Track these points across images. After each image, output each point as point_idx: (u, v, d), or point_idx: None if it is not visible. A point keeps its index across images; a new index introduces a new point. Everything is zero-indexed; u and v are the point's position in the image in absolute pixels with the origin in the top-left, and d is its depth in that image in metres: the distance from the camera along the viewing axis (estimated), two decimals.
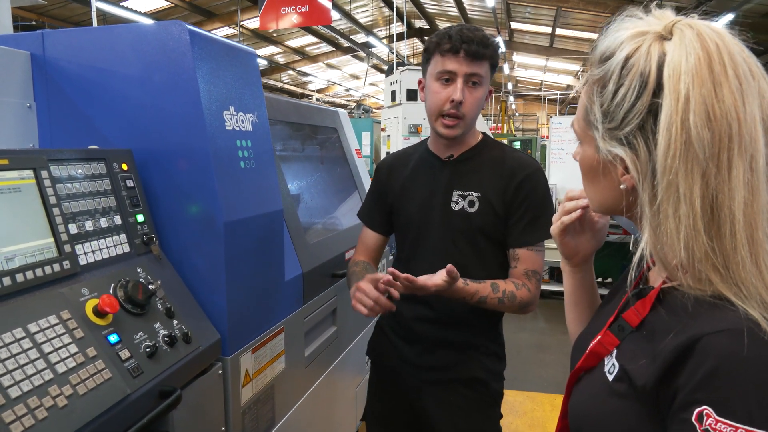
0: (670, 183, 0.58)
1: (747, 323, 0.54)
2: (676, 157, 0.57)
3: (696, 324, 0.57)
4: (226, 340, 1.18)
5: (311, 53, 17.65)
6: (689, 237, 0.57)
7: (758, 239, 0.57)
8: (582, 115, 0.71)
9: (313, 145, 2.24)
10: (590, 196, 0.74)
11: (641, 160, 0.61)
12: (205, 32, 1.22)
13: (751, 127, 0.57)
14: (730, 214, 0.56)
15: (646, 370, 0.60)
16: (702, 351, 0.55)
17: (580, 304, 0.93)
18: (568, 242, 0.88)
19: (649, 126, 0.61)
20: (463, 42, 1.33)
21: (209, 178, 1.15)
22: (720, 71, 0.57)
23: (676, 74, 0.58)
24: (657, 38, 0.62)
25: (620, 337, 0.68)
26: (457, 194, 1.44)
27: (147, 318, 0.99)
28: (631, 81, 0.62)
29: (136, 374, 0.90)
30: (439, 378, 1.49)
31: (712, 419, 0.53)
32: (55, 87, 1.24)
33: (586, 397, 0.71)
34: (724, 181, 0.57)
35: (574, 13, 12.26)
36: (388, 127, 5.43)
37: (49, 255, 0.88)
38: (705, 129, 0.56)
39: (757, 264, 0.57)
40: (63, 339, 0.82)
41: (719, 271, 0.57)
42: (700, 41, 0.59)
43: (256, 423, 1.31)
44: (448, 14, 15.03)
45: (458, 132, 1.39)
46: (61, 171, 0.97)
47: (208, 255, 1.16)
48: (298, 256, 1.57)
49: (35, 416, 0.72)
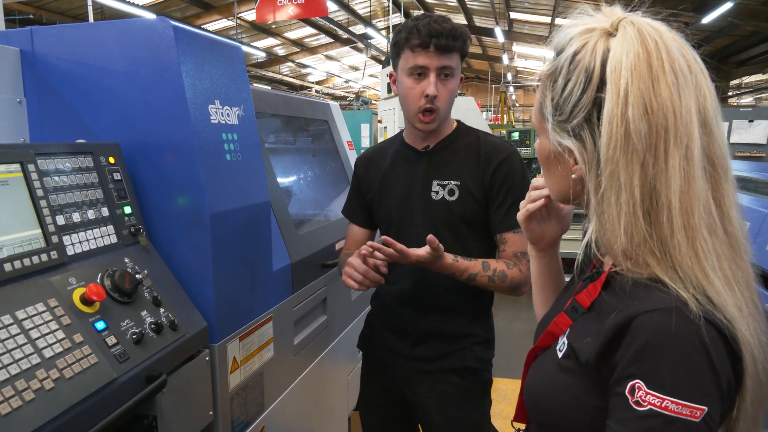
0: (612, 173, 0.61)
1: (677, 303, 0.58)
2: (617, 149, 0.61)
3: (633, 304, 0.60)
4: (213, 327, 1.21)
5: (310, 45, 17.63)
6: (629, 223, 0.61)
7: (694, 224, 0.60)
8: (538, 108, 0.74)
9: (304, 138, 2.27)
10: (548, 186, 0.78)
11: (587, 151, 0.65)
12: (190, 28, 1.24)
13: (687, 120, 0.60)
14: (667, 201, 0.60)
15: (589, 347, 0.64)
16: (636, 328, 0.59)
17: (546, 288, 0.97)
18: (534, 228, 0.91)
19: (594, 119, 0.64)
20: (432, 36, 1.34)
21: (195, 171, 1.18)
22: (657, 67, 0.61)
23: (617, 70, 0.61)
24: (603, 35, 0.65)
25: (573, 317, 0.71)
26: (436, 184, 1.46)
27: (134, 306, 1.03)
28: (577, 76, 0.65)
29: (123, 359, 0.94)
30: (430, 368, 1.53)
31: (643, 392, 0.57)
32: (44, 82, 1.27)
33: (540, 374, 0.75)
34: (661, 170, 0.60)
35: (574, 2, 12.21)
36: (384, 119, 5.45)
37: (36, 245, 0.92)
38: (642, 121, 0.60)
39: (693, 248, 0.60)
40: (50, 325, 0.85)
41: (656, 255, 0.60)
42: (640, 38, 0.62)
43: (244, 408, 1.35)
44: (447, 4, 14.97)
45: (435, 125, 1.42)
46: (48, 164, 1.00)
47: (195, 246, 1.20)
48: (287, 247, 1.60)
49: (22, 398, 0.75)
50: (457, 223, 1.45)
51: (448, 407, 1.54)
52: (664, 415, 0.55)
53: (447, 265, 1.34)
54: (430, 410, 1.55)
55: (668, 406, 0.55)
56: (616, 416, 0.59)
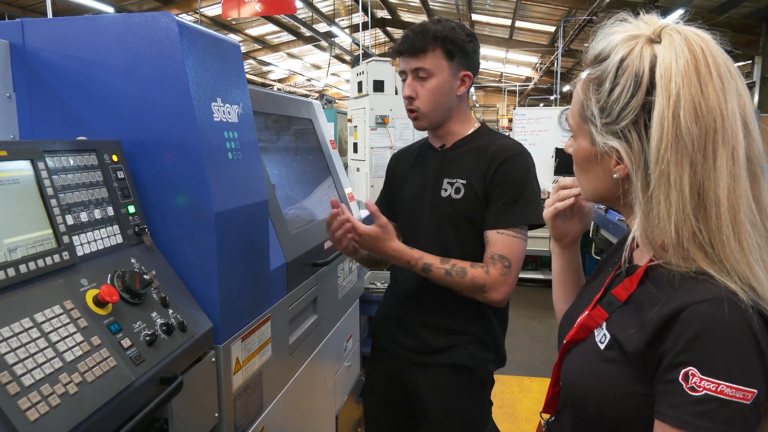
0: (662, 172, 0.65)
1: (727, 293, 0.62)
2: (668, 149, 0.64)
3: (680, 296, 0.64)
4: (218, 328, 1.20)
5: (272, 42, 17.39)
6: (679, 219, 0.64)
7: (740, 220, 0.64)
8: (577, 110, 0.77)
9: (290, 136, 2.25)
10: (583, 185, 0.81)
11: (635, 152, 0.68)
12: (193, 24, 1.22)
13: (732, 122, 0.64)
14: (715, 199, 0.64)
15: (635, 338, 0.67)
16: (686, 318, 0.62)
17: (567, 284, 1.00)
18: (559, 225, 0.95)
19: (642, 121, 0.67)
20: (402, 42, 1.44)
21: (200, 170, 1.16)
22: (705, 72, 0.64)
23: (667, 75, 0.65)
24: (648, 41, 0.69)
25: (609, 310, 0.75)
26: (446, 182, 1.50)
27: (144, 307, 1.01)
28: (626, 80, 0.68)
29: (139, 362, 0.92)
30: (426, 361, 1.56)
31: (697, 378, 0.60)
32: (36, 77, 1.22)
33: (579, 364, 0.77)
34: (710, 169, 0.64)
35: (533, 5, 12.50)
36: (354, 118, 5.44)
37: (48, 246, 0.89)
38: (693, 124, 0.64)
39: (739, 242, 0.64)
40: (68, 328, 0.83)
41: (704, 249, 0.64)
42: (687, 45, 0.66)
43: (246, 409, 1.34)
44: (410, 4, 15.06)
45: (423, 123, 1.48)
46: (55, 162, 0.97)
47: (200, 245, 1.18)
48: (282, 246, 1.59)
49: (49, 403, 0.73)
50: (460, 221, 1.48)
51: (443, 399, 1.57)
52: (719, 399, 0.59)
53: (398, 248, 1.37)
54: (427, 400, 1.59)
55: (723, 390, 0.59)
56: (669, 402, 0.63)
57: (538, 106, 16.37)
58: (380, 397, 1.75)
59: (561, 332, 0.87)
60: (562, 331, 0.87)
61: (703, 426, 0.60)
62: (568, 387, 0.80)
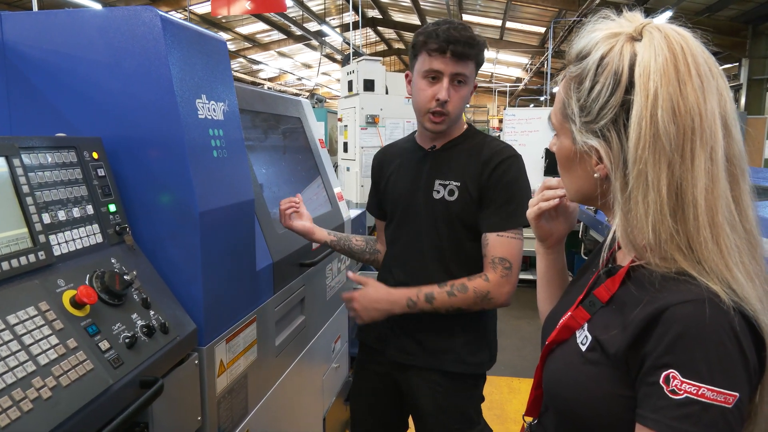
0: (639, 172, 0.64)
1: (708, 294, 0.60)
2: (646, 149, 0.63)
3: (662, 296, 0.63)
4: (202, 330, 1.17)
5: (262, 41, 17.31)
6: (656, 220, 0.63)
7: (718, 222, 0.63)
8: (559, 108, 0.75)
9: (278, 135, 2.22)
10: (567, 185, 0.80)
11: (614, 151, 0.67)
12: (176, 19, 1.19)
13: (711, 122, 0.63)
14: (693, 200, 0.62)
15: (617, 339, 0.66)
16: (668, 319, 0.61)
17: (552, 284, 0.99)
18: (543, 225, 0.93)
19: (622, 120, 0.66)
20: (449, 43, 1.37)
21: (184, 168, 1.13)
22: (684, 71, 0.63)
23: (646, 73, 0.63)
24: (629, 39, 0.67)
25: (591, 311, 0.73)
26: (438, 183, 1.49)
27: (124, 309, 0.98)
28: (605, 78, 0.67)
29: (117, 365, 0.89)
30: (419, 364, 1.54)
31: (678, 380, 0.59)
32: (14, 72, 1.19)
33: (561, 366, 0.76)
34: (688, 170, 0.63)
35: (523, 6, 12.54)
36: (345, 117, 5.42)
37: (23, 245, 0.86)
38: (671, 123, 0.62)
39: (717, 243, 0.63)
40: (43, 330, 0.80)
41: (682, 251, 0.63)
42: (667, 43, 0.64)
43: (230, 412, 1.31)
44: (401, 4, 15.05)
45: (444, 127, 1.46)
46: (32, 159, 0.94)
47: (184, 245, 1.15)
48: (268, 246, 1.57)
49: (20, 408, 0.70)
50: (453, 222, 1.47)
51: (437, 395, 1.56)
52: (700, 402, 0.58)
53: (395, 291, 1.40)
54: (420, 397, 1.58)
55: (704, 393, 0.58)
56: (651, 405, 0.61)
57: (529, 107, 16.40)
58: (368, 397, 1.73)
59: (544, 333, 0.86)
60: (545, 333, 0.86)
61: (684, 430, 0.59)
62: (551, 389, 0.78)
